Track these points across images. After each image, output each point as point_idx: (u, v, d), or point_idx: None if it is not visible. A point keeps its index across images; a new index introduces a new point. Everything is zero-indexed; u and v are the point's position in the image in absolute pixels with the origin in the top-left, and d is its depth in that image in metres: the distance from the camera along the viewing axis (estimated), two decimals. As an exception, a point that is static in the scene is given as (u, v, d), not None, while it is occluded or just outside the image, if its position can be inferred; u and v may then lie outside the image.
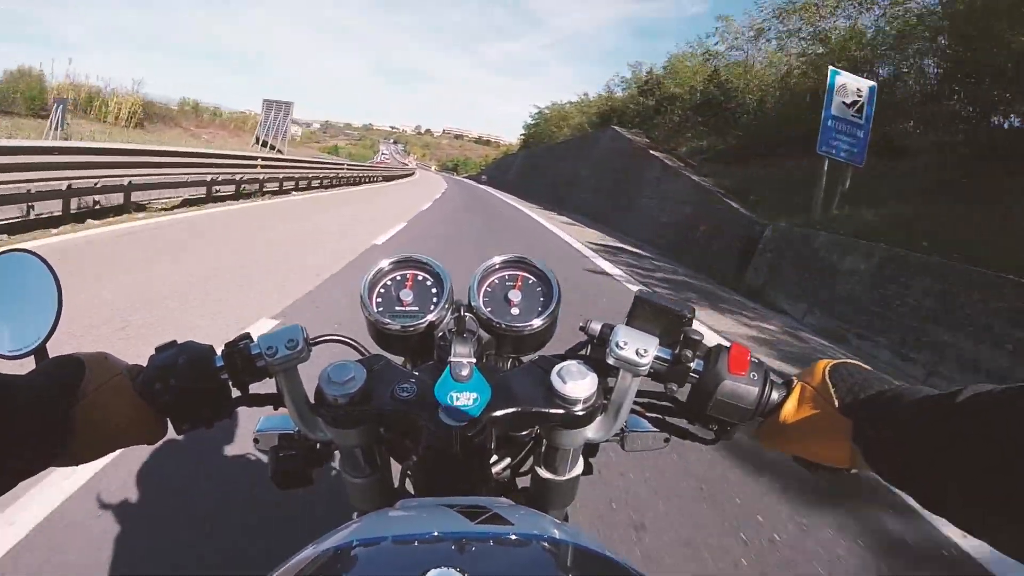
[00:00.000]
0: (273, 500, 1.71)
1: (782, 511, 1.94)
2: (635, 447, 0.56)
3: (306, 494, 0.62)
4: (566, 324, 0.62)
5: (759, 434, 0.52)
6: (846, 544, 1.79)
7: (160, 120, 20.58)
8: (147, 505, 1.69)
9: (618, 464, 2.06)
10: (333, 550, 0.38)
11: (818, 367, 0.49)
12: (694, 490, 2.01)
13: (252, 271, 4.70)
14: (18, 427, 0.40)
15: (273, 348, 0.47)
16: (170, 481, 1.81)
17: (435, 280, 0.61)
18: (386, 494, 0.56)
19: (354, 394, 0.46)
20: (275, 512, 1.66)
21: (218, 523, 1.64)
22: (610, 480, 1.98)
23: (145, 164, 8.19)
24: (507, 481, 0.61)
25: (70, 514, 1.61)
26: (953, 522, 0.35)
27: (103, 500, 1.67)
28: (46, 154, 6.48)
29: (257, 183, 11.29)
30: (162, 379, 0.47)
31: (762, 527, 1.84)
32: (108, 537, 1.53)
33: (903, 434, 0.38)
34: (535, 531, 0.42)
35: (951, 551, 1.83)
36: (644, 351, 0.47)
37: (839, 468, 0.47)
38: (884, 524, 1.92)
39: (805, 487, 2.04)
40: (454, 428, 0.46)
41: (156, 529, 1.59)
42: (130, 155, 8.05)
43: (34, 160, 6.08)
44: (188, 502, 1.72)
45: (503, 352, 0.60)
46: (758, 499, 2.01)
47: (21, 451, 0.41)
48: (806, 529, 1.84)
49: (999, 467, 0.31)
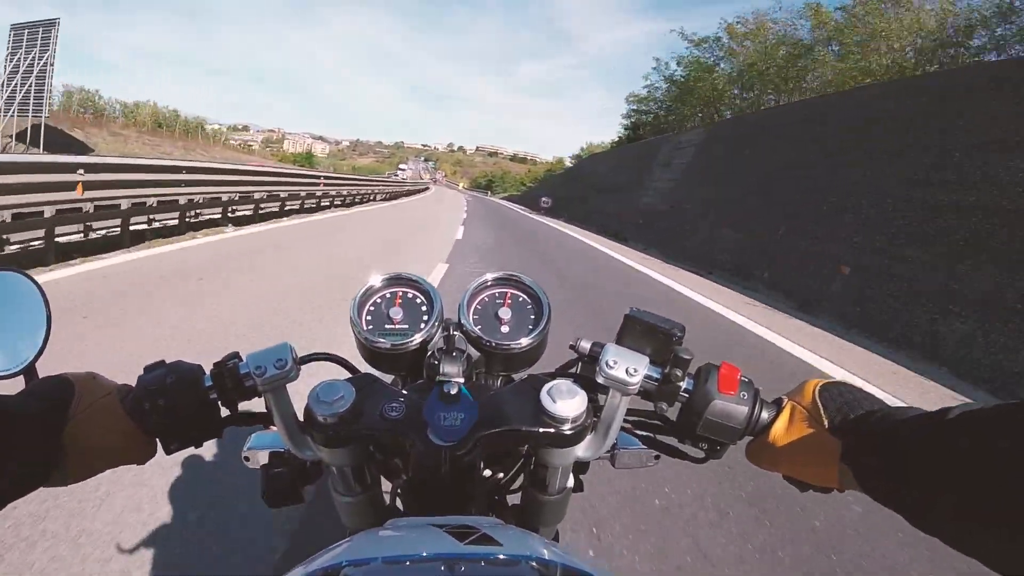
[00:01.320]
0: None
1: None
2: (625, 465, 0.56)
3: (297, 511, 0.61)
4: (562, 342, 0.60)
5: (749, 453, 0.52)
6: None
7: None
8: (135, 525, 1.67)
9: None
10: (322, 571, 0.38)
11: (808, 387, 0.49)
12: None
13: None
14: (8, 448, 0.40)
15: (262, 368, 0.47)
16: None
17: (425, 298, 0.61)
18: (377, 512, 0.56)
19: (343, 413, 0.46)
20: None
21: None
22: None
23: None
24: (497, 499, 0.61)
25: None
26: (945, 540, 0.35)
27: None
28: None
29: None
30: (151, 399, 0.47)
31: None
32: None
33: (893, 454, 0.39)
34: (524, 551, 0.42)
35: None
36: (634, 370, 0.47)
37: (829, 487, 0.47)
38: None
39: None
40: (443, 447, 0.46)
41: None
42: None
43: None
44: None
45: (493, 370, 0.60)
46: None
47: (11, 472, 0.41)
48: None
49: (991, 485, 0.31)
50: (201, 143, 23.81)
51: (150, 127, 18.85)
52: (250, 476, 0.56)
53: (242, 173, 10.69)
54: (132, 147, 15.08)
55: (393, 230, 10.97)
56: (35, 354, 0.50)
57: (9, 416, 0.41)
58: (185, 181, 8.31)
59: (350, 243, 8.25)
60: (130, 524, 1.65)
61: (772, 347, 4.43)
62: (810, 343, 4.66)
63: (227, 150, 26.42)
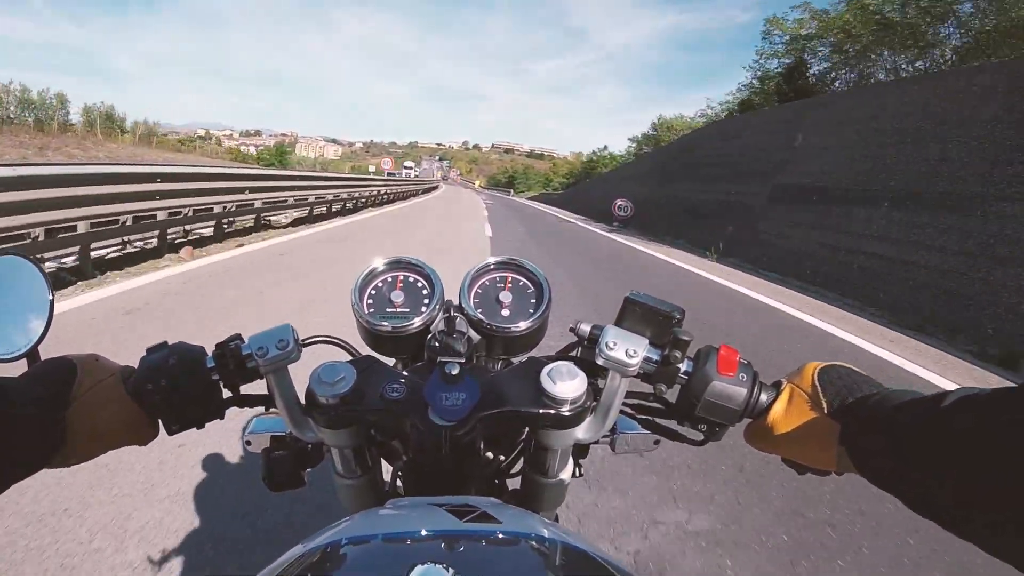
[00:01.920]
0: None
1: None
2: (624, 449, 0.56)
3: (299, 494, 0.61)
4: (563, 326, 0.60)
5: (748, 435, 0.52)
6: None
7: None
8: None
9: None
10: (322, 548, 0.38)
11: (807, 369, 0.49)
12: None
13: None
14: (12, 429, 0.41)
15: (264, 348, 0.48)
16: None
17: (426, 281, 0.61)
18: (377, 495, 0.56)
19: (344, 394, 0.46)
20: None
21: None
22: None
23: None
24: (497, 483, 0.61)
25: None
26: (943, 525, 0.35)
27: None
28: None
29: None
30: (153, 380, 0.47)
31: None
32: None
33: (891, 437, 0.39)
34: (523, 529, 0.42)
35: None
36: (634, 351, 0.47)
37: (827, 470, 0.47)
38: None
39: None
40: (443, 428, 0.46)
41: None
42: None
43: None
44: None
45: (493, 353, 0.61)
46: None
47: (14, 453, 0.41)
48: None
49: (989, 468, 0.31)
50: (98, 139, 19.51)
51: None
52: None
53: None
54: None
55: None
56: (37, 337, 0.50)
57: (11, 398, 0.41)
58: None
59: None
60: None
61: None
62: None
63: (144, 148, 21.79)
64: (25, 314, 0.51)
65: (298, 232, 8.66)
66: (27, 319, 0.51)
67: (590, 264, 8.23)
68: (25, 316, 0.51)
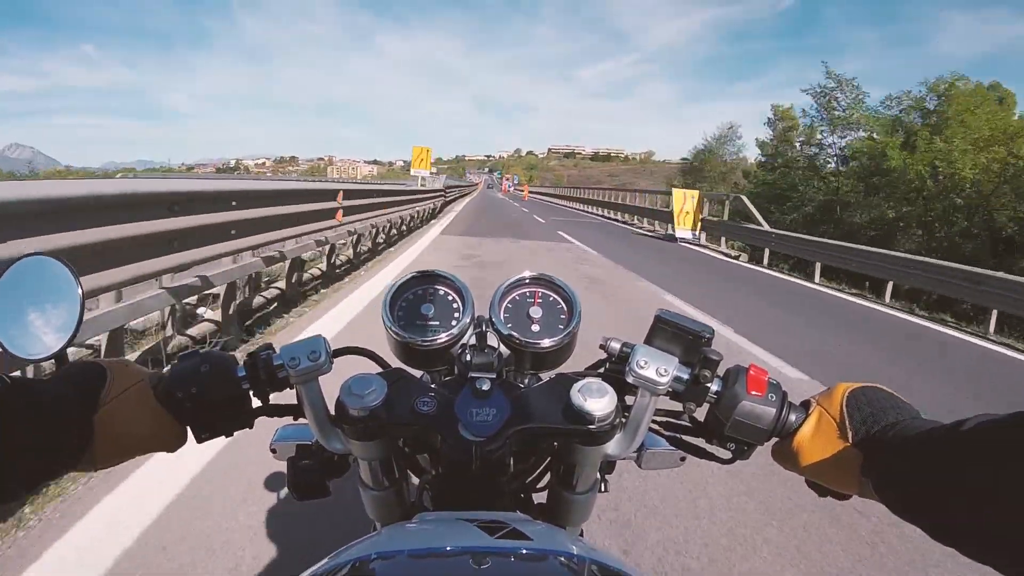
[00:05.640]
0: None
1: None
2: (651, 465, 0.56)
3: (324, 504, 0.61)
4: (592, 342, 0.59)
5: (775, 454, 0.52)
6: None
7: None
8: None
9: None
10: (352, 562, 0.38)
11: (837, 392, 0.49)
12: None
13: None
14: (41, 431, 0.40)
15: (296, 359, 0.47)
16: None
17: (457, 295, 0.61)
18: (403, 507, 0.56)
19: (375, 407, 0.46)
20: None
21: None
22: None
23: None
24: (523, 498, 0.61)
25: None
26: (963, 552, 0.35)
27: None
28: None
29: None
30: (184, 388, 0.47)
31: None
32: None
33: (913, 468, 0.39)
34: (553, 546, 0.42)
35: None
36: (664, 370, 0.47)
37: (848, 495, 0.48)
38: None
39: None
40: (473, 443, 0.46)
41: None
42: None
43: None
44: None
45: (522, 368, 0.60)
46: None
47: (43, 455, 0.41)
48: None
49: (1009, 494, 0.31)
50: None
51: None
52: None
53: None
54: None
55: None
56: (68, 338, 0.50)
57: (41, 400, 0.41)
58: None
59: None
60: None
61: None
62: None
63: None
64: (55, 315, 0.51)
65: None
66: (57, 320, 0.51)
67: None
68: (55, 317, 0.51)
